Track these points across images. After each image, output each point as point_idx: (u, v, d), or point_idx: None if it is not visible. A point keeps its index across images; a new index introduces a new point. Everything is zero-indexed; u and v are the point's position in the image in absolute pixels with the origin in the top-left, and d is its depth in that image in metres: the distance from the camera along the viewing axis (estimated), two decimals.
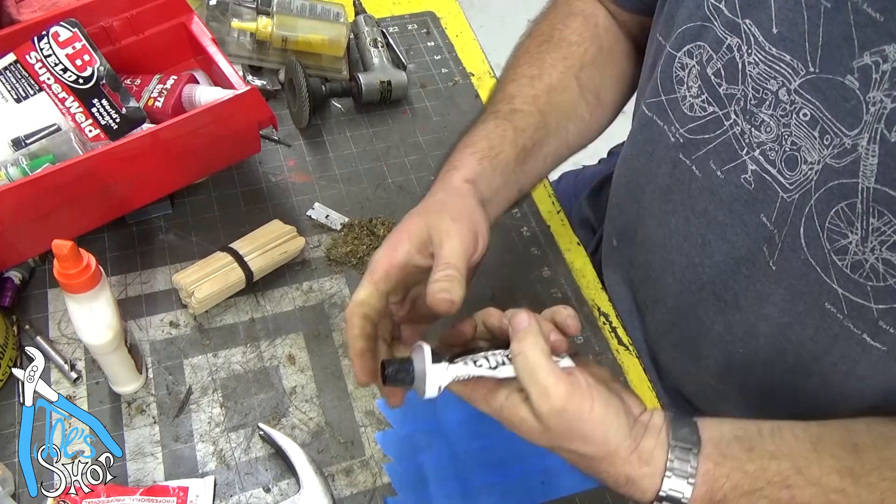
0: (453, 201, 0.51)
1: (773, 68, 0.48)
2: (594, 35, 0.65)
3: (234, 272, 0.65)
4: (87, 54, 0.63)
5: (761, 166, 0.51)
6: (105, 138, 0.65)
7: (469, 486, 0.58)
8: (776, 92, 0.49)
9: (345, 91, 0.82)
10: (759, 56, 0.49)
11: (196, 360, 0.63)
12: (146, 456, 0.57)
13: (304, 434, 0.60)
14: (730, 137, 0.53)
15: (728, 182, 0.54)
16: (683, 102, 0.56)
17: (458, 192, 0.53)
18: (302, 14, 0.82)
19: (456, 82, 0.89)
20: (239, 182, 0.76)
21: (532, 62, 0.64)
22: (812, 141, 0.47)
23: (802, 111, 0.47)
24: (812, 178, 0.48)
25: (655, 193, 0.62)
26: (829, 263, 0.48)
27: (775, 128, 0.49)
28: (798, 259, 0.50)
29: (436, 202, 0.51)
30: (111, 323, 0.53)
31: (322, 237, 0.73)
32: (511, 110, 0.60)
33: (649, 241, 0.64)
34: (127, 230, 0.70)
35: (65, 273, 0.49)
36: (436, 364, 0.43)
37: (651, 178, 0.62)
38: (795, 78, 0.47)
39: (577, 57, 0.64)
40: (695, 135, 0.56)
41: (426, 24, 0.95)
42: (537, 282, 0.73)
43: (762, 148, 0.51)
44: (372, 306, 0.47)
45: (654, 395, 0.66)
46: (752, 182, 0.52)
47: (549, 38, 0.65)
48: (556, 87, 0.63)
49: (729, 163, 0.53)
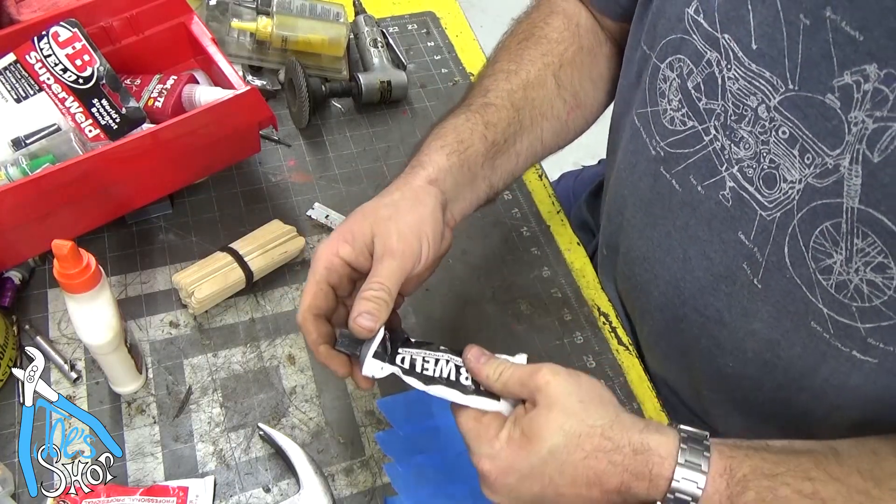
0: (407, 208, 0.50)
1: (753, 84, 0.47)
2: (575, 34, 0.64)
3: (233, 272, 0.65)
4: (86, 54, 0.63)
5: (739, 183, 0.51)
6: (105, 138, 0.65)
7: (468, 486, 0.58)
8: (755, 108, 0.48)
9: (345, 91, 0.82)
10: (739, 72, 0.48)
11: (196, 360, 0.63)
12: (146, 456, 0.57)
13: (304, 434, 0.60)
14: (710, 152, 0.52)
15: (708, 198, 0.53)
16: (664, 115, 0.55)
17: (416, 195, 0.51)
18: (302, 14, 0.82)
19: (456, 82, 0.89)
20: (239, 182, 0.76)
21: (511, 58, 0.63)
22: (791, 160, 0.46)
23: (781, 129, 0.46)
24: (794, 198, 0.47)
25: (637, 206, 0.61)
26: (814, 283, 0.48)
27: (753, 145, 0.49)
28: (783, 277, 0.50)
29: (388, 206, 0.50)
30: (111, 323, 0.53)
31: (322, 237, 0.72)
32: (483, 104, 0.59)
33: (633, 253, 0.64)
34: (127, 230, 0.70)
35: (65, 273, 0.49)
36: (374, 359, 0.47)
37: (633, 189, 0.62)
38: (775, 95, 0.46)
39: (556, 55, 0.63)
40: (675, 148, 0.55)
41: (426, 24, 0.95)
42: (537, 282, 0.73)
43: (740, 165, 0.50)
44: (320, 307, 0.48)
45: (654, 394, 0.66)
46: (730, 199, 0.52)
47: (529, 35, 0.64)
48: (533, 82, 0.61)
49: (709, 178, 0.53)
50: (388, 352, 0.48)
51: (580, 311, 0.71)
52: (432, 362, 0.48)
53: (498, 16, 2.25)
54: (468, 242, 0.74)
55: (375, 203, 0.51)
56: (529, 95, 0.61)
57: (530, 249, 0.75)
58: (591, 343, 0.69)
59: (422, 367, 0.47)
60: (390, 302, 0.46)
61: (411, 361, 0.48)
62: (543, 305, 0.71)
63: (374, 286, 0.46)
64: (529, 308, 0.70)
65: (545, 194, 0.80)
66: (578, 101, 0.64)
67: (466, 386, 0.47)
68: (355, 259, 0.49)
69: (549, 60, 0.62)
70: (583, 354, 0.68)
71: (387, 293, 0.46)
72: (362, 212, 0.50)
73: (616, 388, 0.66)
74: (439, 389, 0.47)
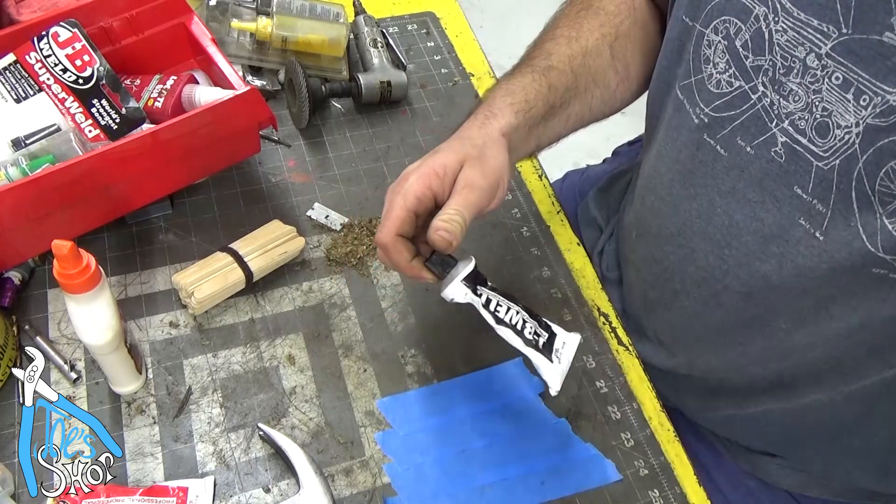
0: (491, 153, 0.55)
1: (801, 34, 0.48)
2: (631, 8, 0.67)
3: (233, 272, 0.65)
4: (86, 54, 0.63)
5: (791, 137, 0.51)
6: (105, 138, 0.65)
7: (468, 486, 0.58)
8: (804, 59, 0.48)
9: (345, 91, 0.82)
10: (787, 23, 0.49)
11: (196, 360, 0.63)
12: (146, 456, 0.57)
13: (304, 434, 0.60)
14: (758, 111, 0.53)
15: (758, 157, 0.53)
16: (710, 81, 0.56)
17: (496, 143, 0.56)
18: (302, 14, 0.82)
19: (456, 82, 0.89)
20: (239, 182, 0.76)
21: (571, 25, 0.66)
22: (845, 104, 0.47)
23: (835, 75, 0.47)
24: (853, 142, 0.47)
25: (675, 180, 0.61)
26: (877, 229, 0.48)
27: (804, 96, 0.49)
28: (848, 227, 0.49)
29: (476, 147, 0.55)
30: (111, 323, 0.53)
31: (322, 237, 0.73)
32: (548, 67, 0.62)
33: (666, 231, 0.64)
34: (127, 230, 0.70)
35: (64, 273, 0.49)
36: (462, 283, 0.53)
37: (672, 164, 0.62)
38: (826, 42, 0.47)
39: (613, 26, 0.66)
40: (720, 112, 0.55)
41: (426, 25, 0.95)
42: (537, 282, 0.72)
43: (791, 118, 0.50)
44: (406, 231, 0.53)
45: (654, 395, 0.66)
46: (783, 154, 0.52)
47: (588, 6, 0.67)
48: (591, 51, 0.64)
49: (758, 137, 0.53)
50: (474, 283, 0.53)
51: (580, 312, 0.71)
52: (504, 307, 0.54)
53: (498, 16, 2.26)
54: (468, 243, 0.74)
55: (461, 142, 0.55)
56: (587, 63, 0.64)
57: (530, 250, 0.75)
58: (591, 343, 0.69)
59: (495, 307, 0.53)
60: (464, 227, 0.51)
61: (488, 299, 0.53)
62: (543, 305, 0.71)
63: (451, 211, 0.51)
64: (530, 307, 0.70)
65: (545, 194, 0.80)
66: (629, 72, 0.67)
67: (529, 339, 0.54)
68: (442, 191, 0.53)
69: (606, 31, 0.65)
70: (582, 355, 0.68)
71: (463, 219, 0.51)
72: (451, 148, 0.54)
73: (616, 388, 0.66)
74: (506, 332, 0.53)
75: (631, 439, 0.63)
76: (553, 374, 0.54)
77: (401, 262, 0.54)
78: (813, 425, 0.62)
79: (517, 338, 0.53)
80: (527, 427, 0.62)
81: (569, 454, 0.61)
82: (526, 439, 0.61)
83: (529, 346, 0.53)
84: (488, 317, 0.53)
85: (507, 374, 0.65)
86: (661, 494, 0.60)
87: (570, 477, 0.60)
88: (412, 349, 0.66)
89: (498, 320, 0.53)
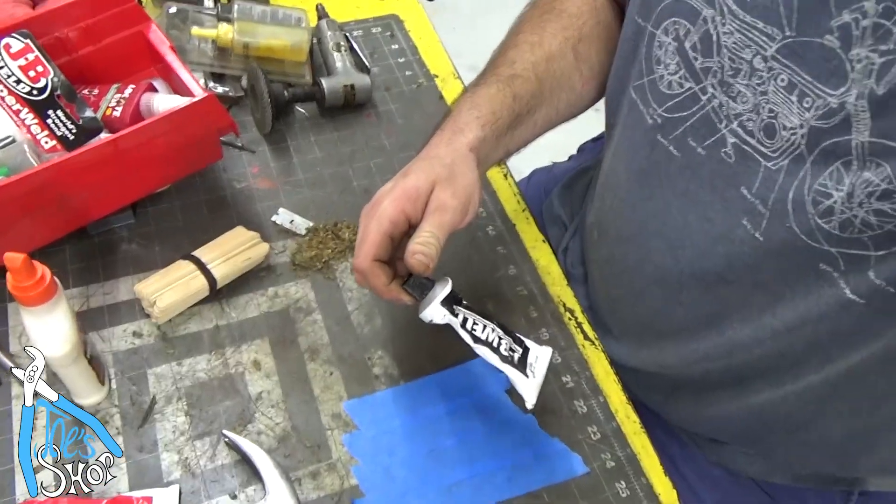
0: (461, 171, 0.56)
1: (747, 36, 0.49)
2: (593, 9, 0.68)
3: (196, 280, 0.65)
4: (40, 65, 0.63)
5: (740, 138, 0.51)
6: (62, 149, 0.64)
7: (435, 484, 0.59)
8: (751, 61, 0.49)
9: (308, 96, 0.82)
10: (734, 25, 0.49)
11: (160, 369, 0.62)
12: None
13: (271, 439, 0.60)
14: (708, 112, 0.53)
15: (709, 158, 0.54)
16: (661, 82, 0.57)
17: (465, 160, 0.57)
18: (263, 20, 0.82)
19: (420, 84, 0.90)
20: (203, 190, 0.75)
21: (533, 30, 0.66)
22: (790, 106, 0.47)
23: (780, 77, 0.48)
24: (799, 143, 0.48)
25: (632, 180, 0.62)
26: (813, 229, 0.49)
27: (752, 97, 0.50)
28: (783, 227, 0.50)
29: (444, 167, 0.55)
30: (68, 335, 0.53)
31: (287, 242, 0.72)
32: (512, 76, 0.63)
33: (625, 232, 0.64)
34: (89, 241, 0.70)
35: (18, 286, 0.49)
36: (441, 305, 0.54)
37: (629, 164, 0.62)
38: (771, 44, 0.47)
39: (576, 28, 0.66)
40: (672, 113, 0.56)
41: (390, 27, 0.96)
42: (503, 280, 0.73)
43: (739, 119, 0.51)
44: (380, 255, 0.54)
45: (620, 387, 0.67)
46: (733, 155, 0.52)
47: (550, 9, 0.68)
48: (555, 55, 0.65)
49: (708, 138, 0.54)
50: (451, 304, 0.54)
51: (546, 308, 0.71)
52: (481, 326, 0.56)
53: (470, 16, 2.27)
54: None
55: (430, 163, 0.56)
56: (551, 68, 0.65)
57: (496, 248, 0.76)
58: (557, 339, 0.69)
59: (472, 326, 0.55)
60: (440, 248, 0.53)
61: (465, 318, 0.55)
62: (509, 303, 0.71)
63: (426, 234, 0.52)
64: (495, 307, 0.71)
65: (510, 193, 0.81)
66: (594, 73, 0.68)
67: (505, 356, 0.56)
68: (415, 213, 0.54)
69: (569, 34, 0.66)
70: None
71: (437, 240, 0.53)
72: (421, 169, 0.55)
73: (582, 382, 0.66)
74: (484, 350, 0.55)
75: (597, 432, 0.63)
76: (528, 388, 0.56)
77: (379, 286, 0.55)
78: (771, 422, 0.63)
79: (494, 355, 0.55)
80: (494, 424, 0.63)
81: (536, 449, 0.61)
82: (493, 436, 0.62)
83: (506, 363, 0.55)
84: (466, 336, 0.55)
85: (473, 372, 0.65)
86: (627, 486, 0.61)
87: (537, 472, 0.60)
88: (379, 351, 0.66)
89: (475, 339, 0.55)
